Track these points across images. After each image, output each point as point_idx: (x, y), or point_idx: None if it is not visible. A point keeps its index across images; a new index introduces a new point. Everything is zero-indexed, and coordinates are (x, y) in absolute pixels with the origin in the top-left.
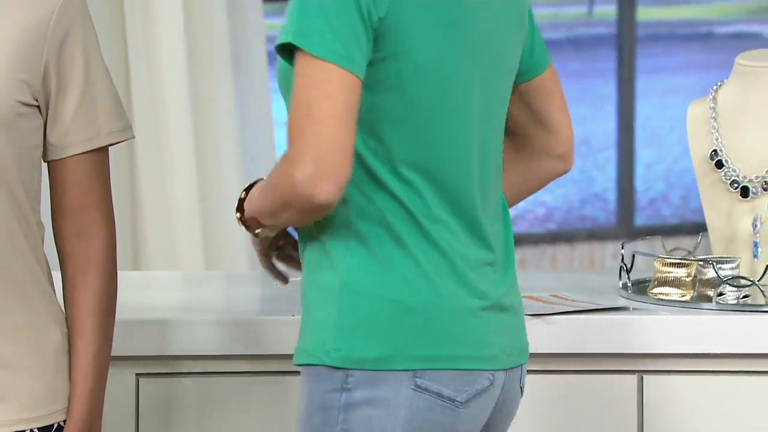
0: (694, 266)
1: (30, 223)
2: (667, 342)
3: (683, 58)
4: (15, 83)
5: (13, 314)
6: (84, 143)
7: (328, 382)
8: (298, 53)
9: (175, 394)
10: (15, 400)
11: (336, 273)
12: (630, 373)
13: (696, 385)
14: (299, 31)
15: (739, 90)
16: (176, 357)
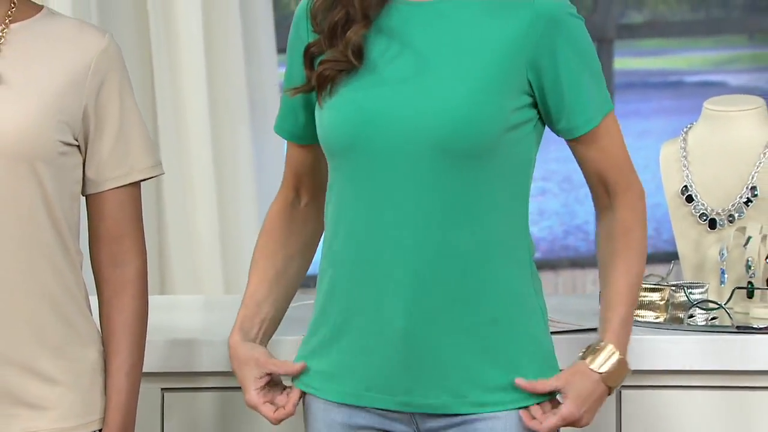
0: (667, 291)
1: (70, 251)
2: (643, 359)
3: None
4: (57, 125)
5: (55, 334)
6: (118, 178)
7: None
8: (611, 113)
9: (196, 407)
10: (54, 410)
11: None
12: None
13: (669, 398)
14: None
15: (707, 131)
16: (198, 373)
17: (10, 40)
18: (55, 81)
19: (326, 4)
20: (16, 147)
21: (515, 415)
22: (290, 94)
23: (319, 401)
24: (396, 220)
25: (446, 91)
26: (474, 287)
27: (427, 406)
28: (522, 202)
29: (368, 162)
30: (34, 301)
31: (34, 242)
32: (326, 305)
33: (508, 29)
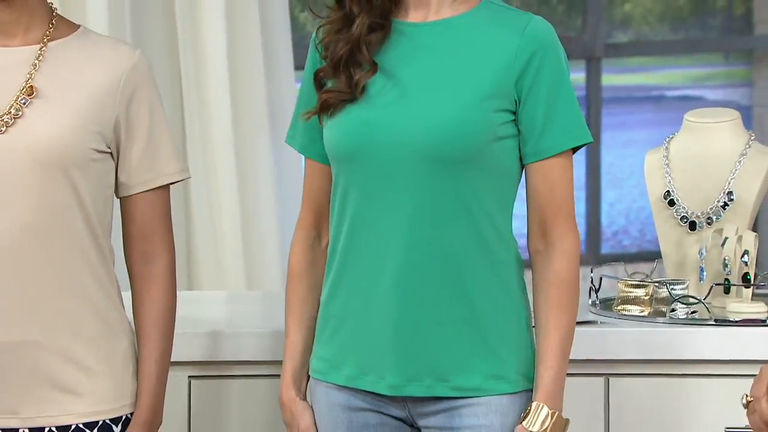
0: (651, 287)
1: (103, 249)
2: (629, 350)
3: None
4: (90, 134)
5: (90, 326)
6: (148, 182)
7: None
8: (570, 151)
9: (220, 394)
10: (90, 396)
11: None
12: (598, 376)
13: (653, 385)
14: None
15: (687, 141)
16: (222, 362)
17: (48, 57)
18: (88, 94)
19: (332, 37)
20: (52, 155)
21: (496, 401)
22: (305, 118)
23: (323, 385)
24: (390, 221)
25: (438, 105)
26: (460, 283)
27: (413, 389)
28: (506, 207)
29: (366, 169)
30: (70, 296)
31: (70, 242)
32: (330, 299)
33: (499, 52)
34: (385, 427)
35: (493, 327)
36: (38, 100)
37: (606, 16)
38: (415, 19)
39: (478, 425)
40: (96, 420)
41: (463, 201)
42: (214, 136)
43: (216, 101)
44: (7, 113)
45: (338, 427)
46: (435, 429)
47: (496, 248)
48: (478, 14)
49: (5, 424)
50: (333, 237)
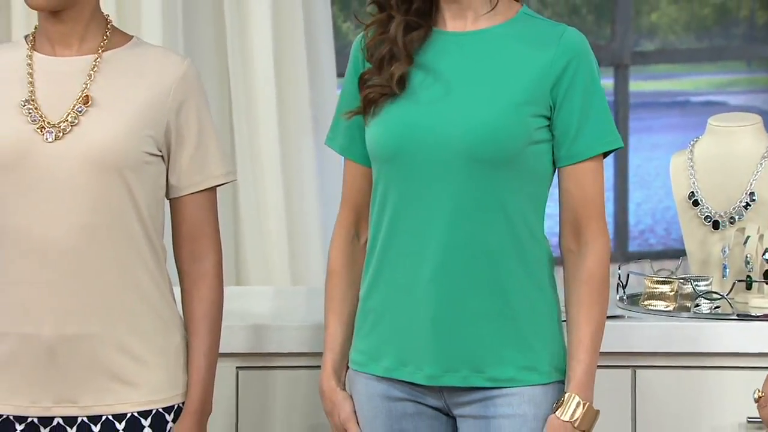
0: (676, 283)
1: (156, 247)
2: (655, 343)
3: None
4: (143, 138)
5: (145, 320)
6: (197, 184)
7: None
8: (601, 155)
9: (267, 384)
10: (144, 386)
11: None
12: (625, 368)
13: (677, 377)
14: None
15: (711, 144)
16: (269, 354)
17: (102, 67)
18: (141, 100)
19: (376, 41)
20: (108, 159)
21: (529, 392)
22: (346, 117)
23: (362, 376)
24: (430, 219)
25: (478, 109)
26: (495, 279)
27: (450, 379)
28: (539, 207)
29: (408, 169)
30: (127, 292)
31: (125, 240)
32: (369, 295)
33: (535, 59)
34: (422, 416)
35: (527, 321)
36: (94, 108)
37: (633, 25)
38: (453, 29)
39: (512, 414)
40: (150, 409)
41: (500, 201)
42: (260, 139)
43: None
44: (65, 121)
45: (377, 416)
46: (470, 417)
47: (530, 246)
48: (515, 25)
49: (65, 413)
50: (372, 235)
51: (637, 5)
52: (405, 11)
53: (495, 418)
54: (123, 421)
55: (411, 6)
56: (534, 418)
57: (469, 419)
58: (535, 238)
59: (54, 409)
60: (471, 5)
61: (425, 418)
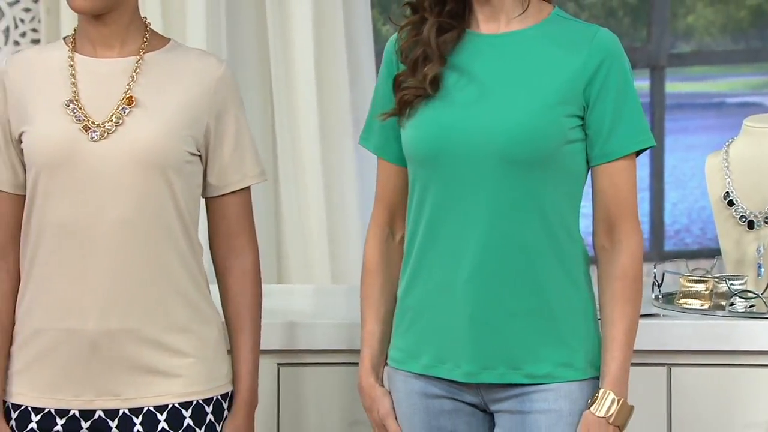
0: (711, 282)
1: (194, 244)
2: (690, 341)
3: (701, 122)
4: (184, 137)
5: (184, 314)
6: (235, 183)
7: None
8: (634, 154)
9: (307, 380)
10: (185, 378)
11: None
12: (661, 366)
13: (712, 375)
14: (647, 133)
15: (746, 145)
16: (309, 351)
17: (144, 68)
18: (182, 101)
19: (410, 43)
20: (151, 157)
21: (565, 387)
22: (381, 119)
23: (401, 373)
24: (468, 219)
25: (513, 110)
26: (532, 277)
27: (487, 376)
28: (574, 206)
29: (445, 171)
30: (166, 287)
31: (165, 236)
32: (407, 293)
33: (568, 60)
34: (459, 412)
35: (563, 318)
36: (137, 108)
37: (670, 27)
38: (487, 30)
39: (548, 409)
40: (190, 400)
41: (536, 200)
42: (302, 139)
43: (304, 107)
44: (109, 121)
45: (415, 412)
46: (507, 413)
47: (566, 245)
48: (548, 27)
49: (107, 405)
50: (410, 234)
51: (674, 7)
52: (438, 13)
53: (531, 413)
54: (164, 412)
55: (444, 8)
56: (569, 413)
57: (505, 414)
58: (571, 237)
59: (96, 402)
60: (503, 8)
61: (463, 415)
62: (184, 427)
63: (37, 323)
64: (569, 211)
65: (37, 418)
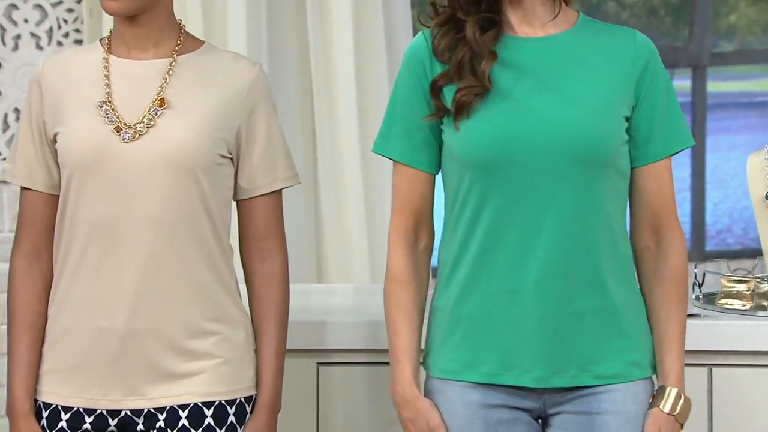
0: (753, 282)
1: (224, 246)
2: (731, 342)
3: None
4: (215, 140)
5: (210, 316)
6: (266, 186)
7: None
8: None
9: (346, 379)
10: (208, 378)
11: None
12: (702, 366)
13: (754, 375)
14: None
15: None
16: (348, 350)
17: (177, 70)
18: (214, 104)
19: (449, 44)
20: (182, 159)
21: (632, 388)
22: (427, 120)
23: (456, 385)
24: (535, 222)
25: (576, 111)
26: (597, 276)
27: (558, 380)
28: (625, 205)
29: (510, 174)
30: (194, 287)
31: (195, 238)
32: (460, 303)
33: (617, 61)
34: (516, 421)
35: (626, 317)
36: (169, 110)
37: (712, 26)
38: (524, 34)
39: (616, 411)
40: (213, 400)
41: (600, 201)
42: (341, 139)
43: (344, 108)
44: (141, 122)
45: (473, 422)
46: (571, 414)
47: (621, 244)
48: (582, 31)
49: (133, 405)
50: (459, 242)
51: (716, 7)
52: (475, 12)
53: (600, 414)
54: (186, 409)
55: (480, 7)
56: (636, 415)
57: (567, 415)
58: (624, 237)
59: (123, 402)
60: (535, 12)
61: (520, 424)
62: (204, 426)
63: (67, 322)
64: (622, 211)
65: (67, 416)
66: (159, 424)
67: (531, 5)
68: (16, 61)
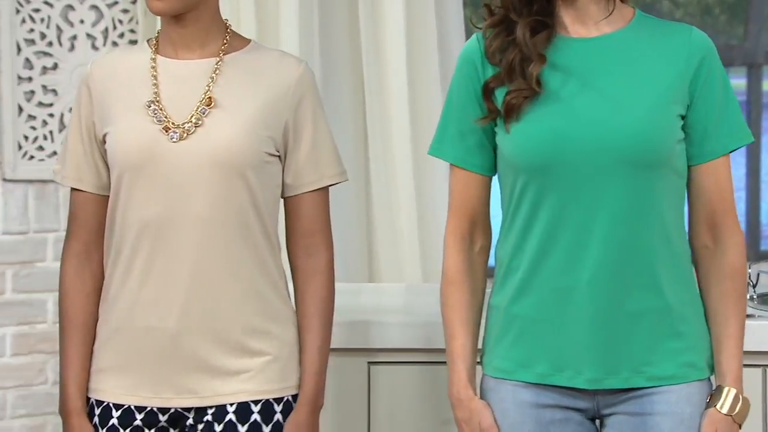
0: None
1: (273, 244)
2: None
3: None
4: (263, 138)
5: (260, 314)
6: (312, 183)
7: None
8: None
9: (397, 378)
10: (259, 376)
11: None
12: (756, 367)
13: None
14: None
15: None
16: (399, 349)
17: (223, 69)
18: (261, 102)
19: (500, 46)
20: (231, 158)
21: (687, 389)
22: (480, 123)
23: (509, 384)
24: (589, 223)
25: (627, 112)
26: (651, 276)
27: (611, 381)
28: (682, 205)
29: (562, 176)
30: (244, 286)
31: (244, 236)
32: (515, 301)
33: (671, 59)
34: (569, 422)
35: (681, 317)
36: (216, 109)
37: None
38: (577, 34)
39: (670, 412)
40: (261, 398)
41: (653, 201)
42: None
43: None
44: (189, 122)
45: (525, 423)
46: (624, 415)
47: (677, 243)
48: (637, 28)
49: (184, 404)
50: (515, 242)
51: None
52: (527, 14)
53: (652, 415)
54: (234, 404)
55: (532, 8)
56: (690, 417)
57: (621, 416)
58: (681, 236)
59: (174, 400)
60: (588, 11)
61: (572, 424)
62: (250, 422)
63: (119, 321)
64: (678, 210)
65: (118, 413)
66: (206, 418)
67: (584, 5)
68: (72, 61)
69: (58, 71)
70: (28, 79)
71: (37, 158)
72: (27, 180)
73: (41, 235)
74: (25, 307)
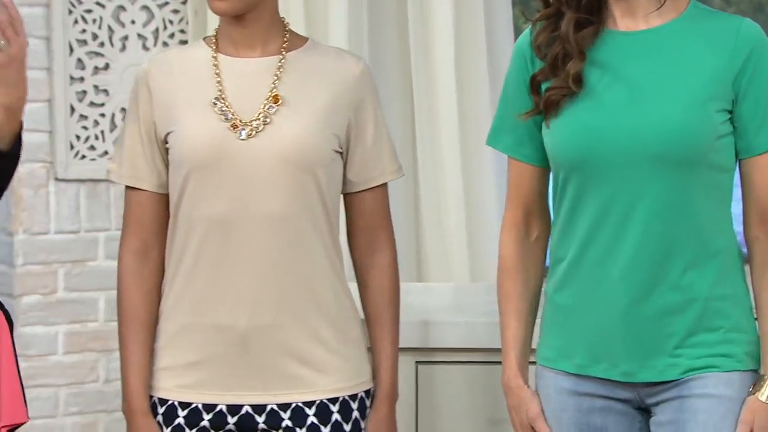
0: None
1: (336, 240)
2: None
3: None
4: (330, 136)
5: (332, 310)
6: (374, 179)
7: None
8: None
9: (445, 378)
10: (333, 374)
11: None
12: None
13: None
14: None
15: None
16: (447, 349)
17: (287, 67)
18: (324, 100)
19: (547, 39)
20: (303, 156)
21: (725, 376)
22: (523, 118)
23: (551, 371)
24: (624, 218)
25: (662, 109)
26: (683, 272)
27: (646, 374)
28: (725, 199)
29: (598, 170)
30: (315, 282)
31: (313, 233)
32: (559, 291)
33: (715, 53)
34: (611, 410)
35: (717, 311)
36: (283, 107)
37: None
38: (626, 28)
39: (708, 394)
40: (337, 396)
41: (688, 198)
42: (442, 138)
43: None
44: (257, 119)
45: (566, 409)
46: (667, 401)
47: (715, 237)
48: (688, 20)
49: (256, 401)
50: (560, 233)
51: None
52: (576, 7)
53: (689, 397)
54: (313, 406)
55: (580, 2)
56: (729, 400)
57: (663, 404)
58: (723, 230)
59: (244, 397)
60: (638, 3)
61: (614, 413)
62: (332, 422)
63: (185, 319)
64: (720, 205)
65: (185, 412)
66: (285, 424)
67: None
68: (123, 61)
69: (110, 71)
70: (80, 80)
71: (88, 158)
72: (79, 179)
73: (92, 234)
74: (77, 305)
